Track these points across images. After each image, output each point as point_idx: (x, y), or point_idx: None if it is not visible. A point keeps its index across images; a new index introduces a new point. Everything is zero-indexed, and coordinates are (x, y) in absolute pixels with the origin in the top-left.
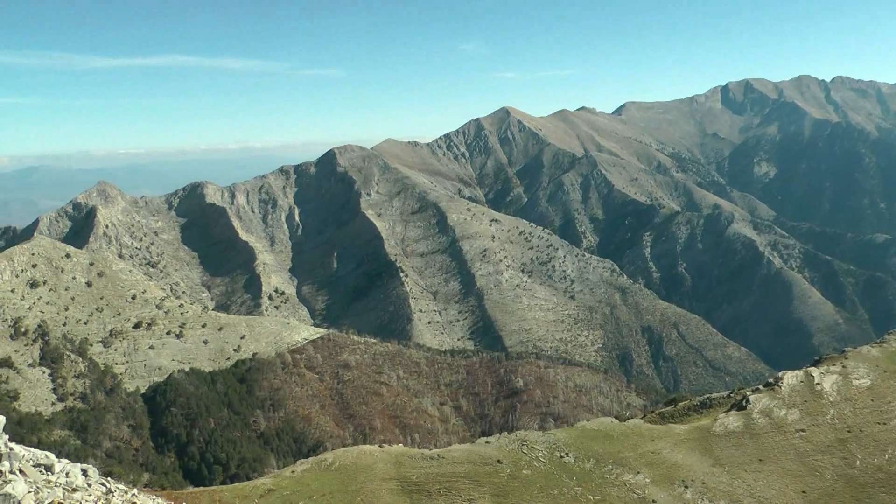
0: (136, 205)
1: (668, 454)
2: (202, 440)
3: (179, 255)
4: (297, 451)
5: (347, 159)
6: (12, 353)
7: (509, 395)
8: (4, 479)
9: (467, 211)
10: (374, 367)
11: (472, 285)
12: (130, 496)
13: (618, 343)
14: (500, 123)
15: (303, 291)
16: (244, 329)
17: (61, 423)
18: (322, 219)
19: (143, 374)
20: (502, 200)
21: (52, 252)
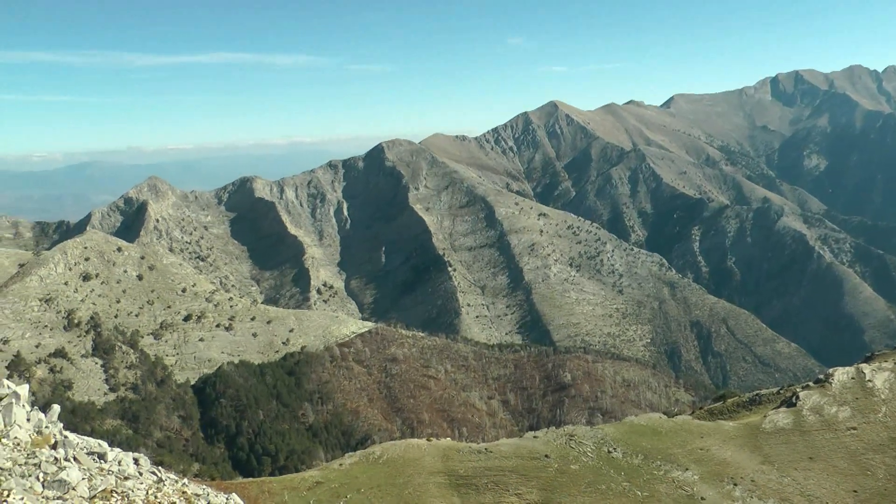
0: (186, 199)
1: (717, 451)
2: (251, 432)
3: (229, 249)
4: (345, 443)
5: (396, 154)
6: (66, 343)
7: (557, 390)
8: (59, 466)
9: (515, 205)
10: (421, 360)
11: (520, 279)
12: (181, 485)
13: (666, 338)
14: (549, 117)
15: (351, 285)
16: (293, 322)
17: (113, 412)
18: (370, 213)
19: (193, 365)
20: (550, 194)
21: (104, 246)
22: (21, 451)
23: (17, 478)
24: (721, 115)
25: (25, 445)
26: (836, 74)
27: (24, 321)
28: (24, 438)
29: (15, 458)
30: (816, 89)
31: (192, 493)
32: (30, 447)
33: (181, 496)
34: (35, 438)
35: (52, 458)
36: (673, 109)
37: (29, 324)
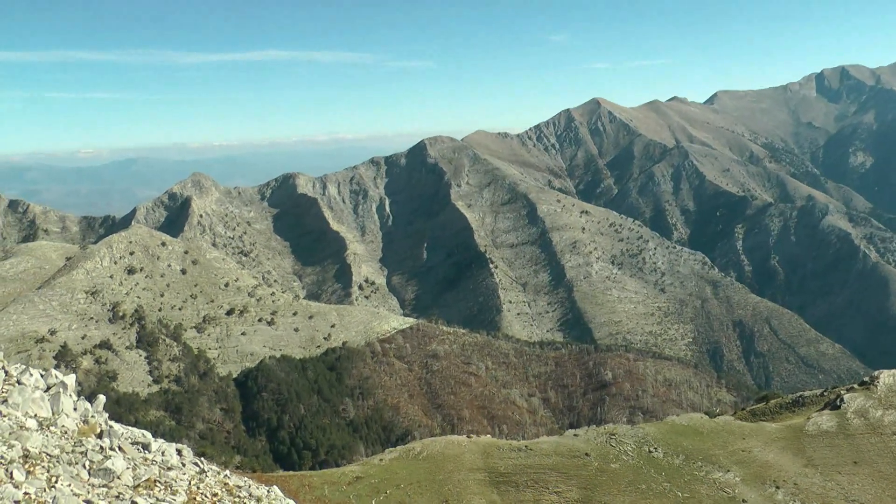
0: (229, 195)
1: (759, 453)
2: (292, 425)
3: (271, 245)
4: (386, 439)
5: (438, 150)
6: (111, 335)
7: (598, 388)
8: (105, 455)
9: (557, 202)
10: (462, 357)
11: (562, 277)
12: (223, 477)
13: (708, 337)
14: (591, 114)
15: (393, 281)
16: (334, 318)
17: (157, 403)
18: (412, 209)
19: (236, 359)
20: (592, 192)
21: (148, 240)
22: (68, 439)
23: (65, 465)
24: (765, 111)
25: (72, 434)
26: (884, 70)
27: (71, 313)
28: (71, 427)
29: (62, 446)
30: (863, 85)
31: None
32: (76, 436)
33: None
34: (81, 427)
35: (98, 446)
36: (716, 106)
37: (75, 316)
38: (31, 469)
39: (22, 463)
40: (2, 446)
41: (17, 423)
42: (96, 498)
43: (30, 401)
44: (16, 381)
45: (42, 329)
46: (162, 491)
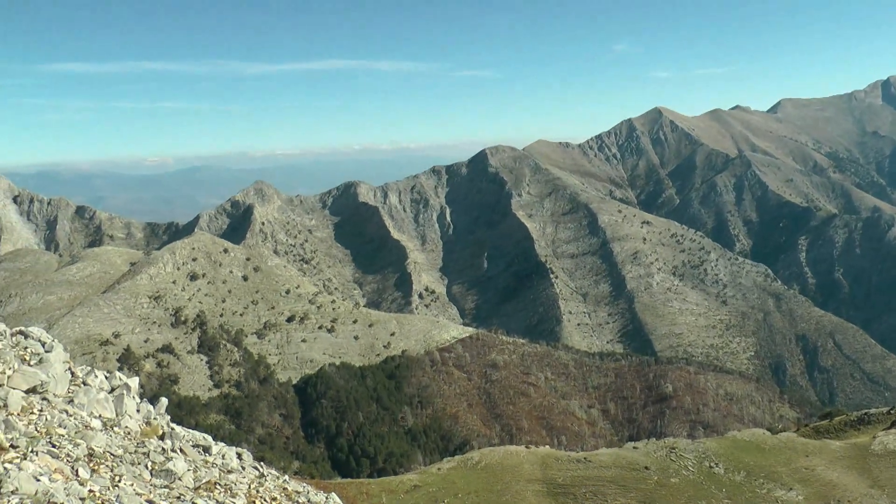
0: (291, 203)
1: (823, 472)
2: (351, 433)
3: (332, 253)
4: (444, 448)
5: (499, 160)
6: (173, 339)
7: (658, 401)
8: (167, 457)
9: (618, 212)
10: (522, 367)
11: (623, 288)
12: (282, 482)
13: (771, 351)
14: (652, 124)
15: (453, 291)
16: (394, 326)
17: (217, 407)
18: (473, 219)
19: (295, 365)
20: (654, 202)
21: (211, 247)
22: (131, 440)
23: (128, 465)
24: (829, 120)
25: (135, 435)
26: None
27: (135, 317)
28: (134, 428)
29: (125, 447)
30: None
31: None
32: (139, 437)
33: (282, 492)
34: (144, 429)
35: (160, 448)
36: (780, 115)
37: (139, 320)
38: (96, 468)
39: (87, 461)
40: (68, 444)
41: (83, 422)
42: (158, 498)
43: (94, 401)
44: (81, 382)
45: (106, 332)
46: (222, 493)
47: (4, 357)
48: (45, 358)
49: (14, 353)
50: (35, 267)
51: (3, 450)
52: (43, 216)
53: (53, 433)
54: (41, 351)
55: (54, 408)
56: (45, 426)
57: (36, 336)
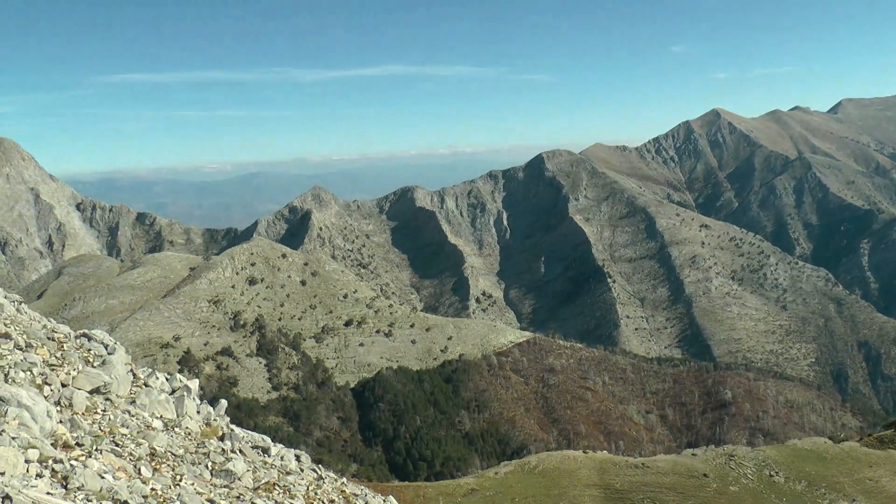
0: (348, 208)
1: (888, 483)
2: (408, 436)
3: (390, 257)
4: (501, 452)
5: (556, 164)
6: (232, 343)
7: (717, 407)
8: (226, 457)
9: (676, 216)
10: (579, 372)
11: (681, 292)
12: (340, 484)
13: (832, 358)
14: (710, 126)
15: (510, 295)
16: (451, 330)
17: (276, 410)
18: (530, 223)
19: (353, 369)
20: (712, 205)
21: (269, 252)
22: (192, 440)
23: (188, 464)
24: (892, 120)
25: (196, 436)
26: None
27: (194, 321)
28: (195, 429)
29: (186, 447)
30: None
31: (350, 492)
32: (199, 437)
33: (340, 494)
34: (204, 430)
35: (220, 449)
36: (840, 115)
37: (198, 323)
38: (158, 467)
39: (149, 460)
40: (131, 444)
41: (145, 422)
42: (218, 497)
43: (156, 402)
44: (143, 384)
45: (167, 335)
46: (280, 494)
47: (69, 358)
48: (108, 360)
49: (78, 355)
50: (98, 272)
51: (70, 447)
52: (105, 223)
53: (116, 432)
54: (104, 353)
55: (117, 408)
56: (109, 426)
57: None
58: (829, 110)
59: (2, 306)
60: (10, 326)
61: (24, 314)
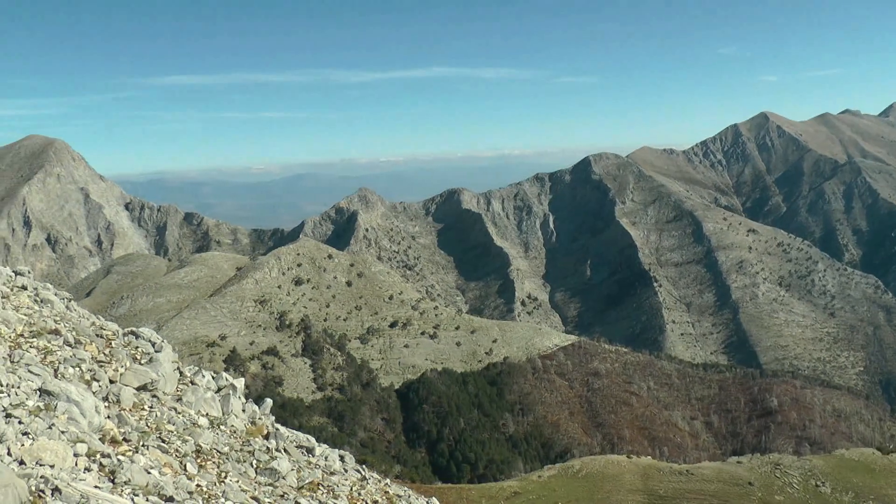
0: (394, 210)
1: None
2: (452, 438)
3: (435, 259)
4: (545, 456)
5: (602, 167)
6: (278, 343)
7: (763, 415)
8: (271, 456)
9: (723, 220)
10: (624, 376)
11: (727, 297)
12: (384, 485)
13: (881, 367)
14: (759, 129)
15: (555, 298)
16: (496, 333)
17: (320, 410)
18: (576, 226)
19: (398, 370)
20: (760, 210)
21: (315, 253)
22: (237, 438)
23: (234, 462)
24: None
25: (241, 434)
26: None
27: (240, 320)
28: (240, 427)
29: (231, 445)
30: None
31: (393, 493)
32: (245, 436)
33: (383, 496)
34: (249, 428)
35: (265, 447)
36: (892, 118)
37: (244, 323)
38: (203, 463)
39: (195, 457)
40: (177, 440)
41: (191, 420)
42: (262, 495)
43: (202, 400)
44: (189, 382)
45: (213, 334)
46: (324, 494)
47: (117, 355)
48: (155, 357)
49: (126, 352)
50: (145, 271)
51: (117, 443)
52: (153, 222)
53: (163, 429)
54: (151, 351)
55: (164, 405)
56: (156, 422)
57: (146, 336)
58: (880, 114)
59: (52, 303)
60: (59, 323)
61: (73, 311)
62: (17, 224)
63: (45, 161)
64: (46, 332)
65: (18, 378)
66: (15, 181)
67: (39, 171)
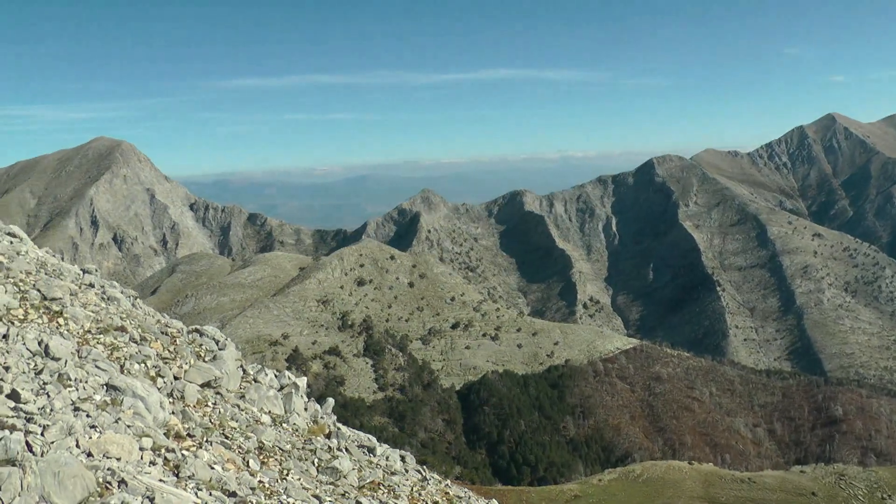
0: (457, 211)
1: None
2: (512, 440)
3: (497, 261)
4: (605, 459)
5: (666, 169)
6: (340, 343)
7: (827, 424)
8: (332, 455)
9: (788, 224)
10: (686, 381)
11: (792, 303)
12: (444, 486)
13: None
14: (825, 131)
15: (617, 301)
16: (558, 335)
17: (381, 410)
18: (639, 229)
19: (458, 372)
20: (825, 214)
21: (377, 254)
22: (299, 436)
23: (295, 460)
24: None
25: (303, 432)
26: None
27: (303, 319)
28: (302, 426)
29: (293, 443)
30: None
31: (454, 494)
32: (307, 434)
33: (444, 496)
34: (311, 427)
35: (327, 446)
36: None
37: (307, 322)
38: (265, 460)
39: (257, 454)
40: (240, 437)
41: (253, 417)
42: (324, 494)
43: (265, 398)
44: (252, 380)
45: (276, 333)
46: (385, 494)
47: (181, 353)
48: (219, 355)
49: (190, 350)
50: (210, 270)
51: (181, 438)
52: (217, 223)
53: (226, 426)
54: (215, 348)
55: (227, 402)
56: (219, 419)
57: (210, 334)
58: None
59: (118, 301)
60: (126, 320)
61: (139, 309)
62: (85, 224)
63: (112, 162)
64: (113, 328)
65: (86, 373)
66: (83, 182)
67: (107, 173)
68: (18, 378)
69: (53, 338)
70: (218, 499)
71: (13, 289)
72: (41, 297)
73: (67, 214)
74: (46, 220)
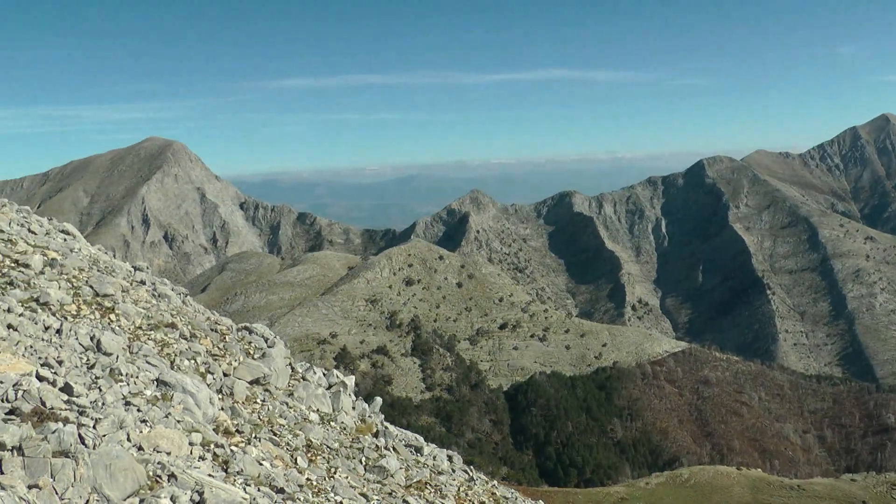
0: (506, 212)
1: None
2: (559, 442)
3: (546, 262)
4: (653, 463)
5: (716, 171)
6: (388, 342)
7: (879, 432)
8: (380, 454)
9: (840, 227)
10: (735, 385)
11: (843, 307)
12: (490, 486)
13: None
14: (879, 132)
15: (666, 303)
16: (606, 337)
17: (428, 410)
18: (688, 230)
19: (506, 372)
20: (878, 216)
21: (426, 254)
22: (346, 435)
23: (343, 458)
24: None
25: (350, 431)
26: None
27: (351, 319)
28: (350, 424)
29: (341, 441)
30: None
31: (500, 495)
32: (354, 433)
33: (490, 497)
34: (359, 426)
35: (374, 445)
36: None
37: (355, 321)
38: (313, 458)
39: (305, 451)
40: (288, 434)
41: (302, 415)
42: (371, 492)
43: (313, 396)
44: (301, 377)
45: (324, 332)
46: (432, 493)
47: (231, 350)
48: (268, 353)
49: (239, 347)
50: (259, 268)
51: (230, 434)
52: (267, 222)
53: (275, 422)
54: (264, 346)
55: (275, 399)
56: (268, 415)
57: (259, 332)
58: None
59: (169, 298)
60: (176, 317)
61: (189, 306)
62: (137, 222)
63: (163, 162)
64: (164, 325)
65: (137, 368)
66: (135, 181)
67: (158, 172)
68: (71, 372)
69: (105, 333)
70: (266, 495)
71: (66, 285)
72: (94, 293)
73: (119, 213)
74: (99, 219)
